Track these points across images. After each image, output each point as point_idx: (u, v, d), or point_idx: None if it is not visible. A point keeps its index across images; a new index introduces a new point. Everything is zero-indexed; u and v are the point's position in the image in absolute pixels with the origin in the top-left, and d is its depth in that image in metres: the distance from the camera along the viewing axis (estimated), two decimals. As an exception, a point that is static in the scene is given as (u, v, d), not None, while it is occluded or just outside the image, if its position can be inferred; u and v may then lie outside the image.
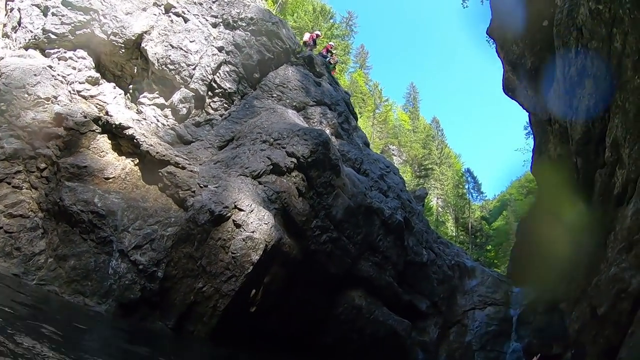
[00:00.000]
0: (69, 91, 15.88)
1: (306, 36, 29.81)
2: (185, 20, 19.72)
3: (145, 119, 17.42)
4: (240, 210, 12.55)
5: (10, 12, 18.31)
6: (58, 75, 15.90)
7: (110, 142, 13.86)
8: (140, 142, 13.39)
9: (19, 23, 17.69)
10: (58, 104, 14.36)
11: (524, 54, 18.59)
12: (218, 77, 19.25)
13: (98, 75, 17.93)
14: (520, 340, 19.87)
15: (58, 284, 11.42)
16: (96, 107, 16.65)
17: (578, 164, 14.78)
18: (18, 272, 11.28)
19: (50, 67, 15.99)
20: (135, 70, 18.83)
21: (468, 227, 61.26)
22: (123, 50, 18.39)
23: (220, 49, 19.72)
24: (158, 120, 17.67)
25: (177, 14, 19.70)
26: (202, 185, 12.87)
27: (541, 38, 16.93)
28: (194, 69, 18.45)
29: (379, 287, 18.63)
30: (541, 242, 20.68)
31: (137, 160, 13.57)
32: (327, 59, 28.62)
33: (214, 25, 20.60)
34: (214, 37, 19.98)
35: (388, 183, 22.46)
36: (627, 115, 11.35)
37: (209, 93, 19.00)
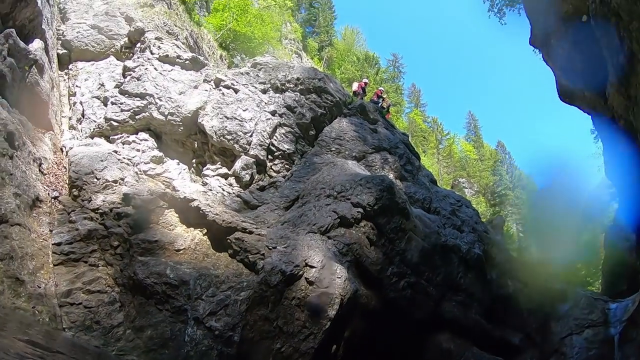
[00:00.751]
0: (136, 172, 16.54)
1: (354, 86, 30.26)
2: (236, 91, 20.36)
3: (211, 190, 17.79)
4: (312, 267, 12.54)
5: (74, 105, 19.65)
6: (123, 158, 16.80)
7: (177, 215, 14.23)
8: (206, 213, 13.66)
9: (83, 115, 18.97)
10: (125, 185, 14.94)
11: (570, 56, 18.17)
12: (275, 140, 19.57)
13: (161, 154, 18.66)
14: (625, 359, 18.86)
15: (137, 354, 11.60)
16: (163, 184, 17.20)
17: None
18: (98, 344, 11.54)
19: (116, 151, 16.89)
20: (196, 145, 19.45)
21: (551, 247, 59.34)
22: (182, 128, 19.12)
23: (273, 113, 20.15)
24: (224, 190, 18.02)
25: (227, 87, 20.41)
26: (270, 247, 12.93)
27: (585, 35, 16.51)
28: (250, 136, 18.86)
29: (466, 326, 18.00)
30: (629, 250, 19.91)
31: (205, 230, 13.81)
32: (379, 104, 28.79)
33: (264, 91, 21.12)
34: (266, 103, 20.45)
35: (461, 217, 22.07)
36: None
37: (269, 157, 19.30)
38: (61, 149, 17.03)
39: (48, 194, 14.31)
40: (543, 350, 20.36)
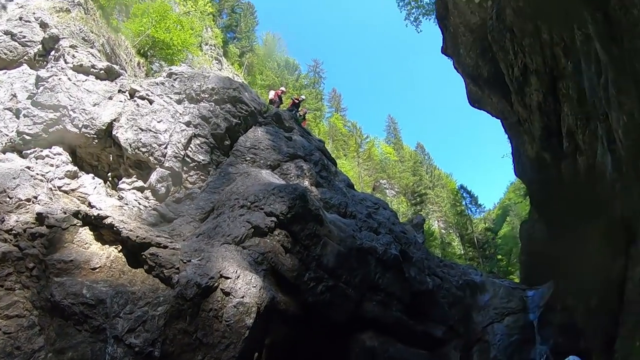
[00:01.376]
0: (50, 188, 16.28)
1: (271, 94, 30.48)
2: (151, 102, 20.25)
3: (127, 204, 17.69)
4: (227, 278, 12.67)
5: None
6: (37, 174, 16.43)
7: (92, 233, 14.09)
8: (120, 229, 13.60)
9: None
10: (39, 204, 14.77)
11: (477, 64, 18.99)
12: (190, 151, 19.57)
13: (76, 168, 18.37)
14: (545, 342, 19.67)
15: (60, 377, 11.56)
16: (78, 199, 16.99)
17: (548, 159, 15.04)
18: (20, 370, 11.45)
19: (29, 167, 16.54)
20: (111, 158, 19.24)
21: (474, 242, 61.13)
22: (96, 141, 18.86)
23: (187, 124, 20.10)
24: (140, 203, 17.93)
25: (142, 97, 20.26)
26: (185, 261, 12.98)
27: (490, 45, 17.34)
28: (165, 147, 18.81)
29: (388, 324, 18.53)
30: (543, 241, 20.84)
31: (120, 247, 13.76)
32: (294, 111, 29.07)
33: (179, 102, 21.06)
34: (180, 113, 20.40)
35: (378, 220, 22.61)
36: (573, 102, 11.71)
37: (184, 168, 19.27)
38: (-29, 166, 16.56)
39: (-44, 214, 13.81)
40: (467, 340, 21.20)
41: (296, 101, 31.55)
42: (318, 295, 15.80)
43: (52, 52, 21.33)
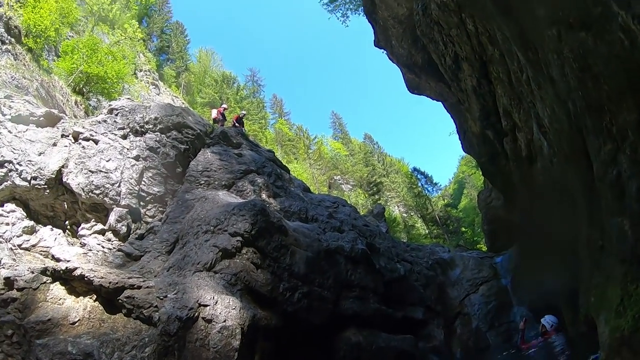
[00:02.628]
0: (10, 248, 16.03)
1: (213, 113, 30.44)
2: (96, 142, 20.09)
3: (91, 250, 17.54)
4: (205, 305, 12.83)
5: None
6: (-5, 236, 16.14)
7: (64, 287, 13.99)
8: (91, 279, 13.51)
9: None
10: (3, 267, 14.49)
11: (411, 54, 19.44)
12: (144, 184, 19.62)
13: (32, 222, 18.10)
14: (522, 303, 20.39)
15: None
16: (41, 254, 16.80)
17: (491, 136, 15.54)
18: None
19: (-15, 230, 16.23)
20: (66, 206, 19.02)
21: (436, 220, 61.89)
22: (48, 191, 18.64)
23: (137, 158, 20.10)
24: (103, 247, 17.81)
25: (87, 139, 20.08)
26: (161, 297, 13.05)
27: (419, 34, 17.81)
28: (119, 186, 18.77)
29: (369, 317, 18.89)
30: (501, 207, 21.41)
31: (95, 296, 13.73)
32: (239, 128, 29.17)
33: (124, 137, 20.98)
34: (128, 149, 20.34)
35: (339, 218, 23.01)
36: (504, 85, 12.18)
37: (141, 203, 19.31)
38: None
39: None
40: (446, 316, 21.75)
41: (237, 119, 31.46)
42: (296, 304, 16.05)
43: (-12, 106, 20.94)
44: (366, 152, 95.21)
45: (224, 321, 12.69)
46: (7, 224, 17.48)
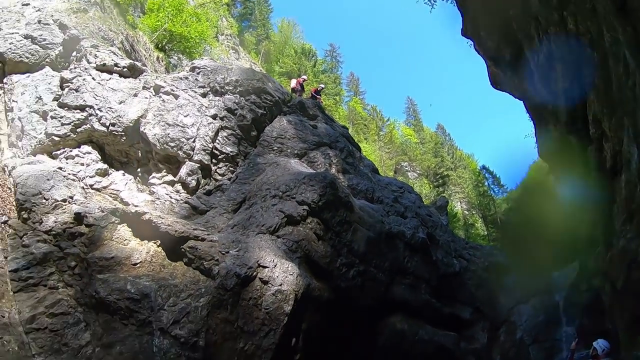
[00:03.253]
0: (82, 187, 16.51)
1: (293, 83, 30.33)
2: (176, 97, 20.42)
3: (159, 199, 17.95)
4: (264, 267, 13.03)
5: (12, 122, 19.16)
6: (69, 174, 16.68)
7: (130, 229, 14.45)
8: (158, 225, 13.93)
9: (22, 131, 18.55)
10: (75, 203, 15.03)
11: (499, 47, 18.96)
12: (218, 143, 19.80)
13: (106, 166, 18.61)
14: (571, 323, 19.70)
15: (108, 371, 12.03)
16: (110, 196, 17.24)
17: (572, 142, 15.03)
18: (69, 366, 11.91)
19: (60, 168, 16.79)
20: (140, 154, 19.42)
21: (497, 222, 60.53)
22: (124, 138, 19.05)
23: (214, 117, 20.31)
24: (171, 197, 18.19)
25: (167, 93, 20.42)
26: (223, 252, 13.34)
27: (512, 29, 17.32)
28: (193, 141, 19.05)
29: (417, 307, 18.87)
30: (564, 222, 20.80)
31: (159, 242, 14.09)
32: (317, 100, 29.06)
33: (204, 95, 21.25)
34: (206, 107, 20.60)
35: (404, 204, 22.77)
36: (599, 91, 11.73)
37: (213, 160, 19.53)
38: (3, 169, 16.99)
39: (-4, 219, 14.22)
40: (493, 321, 21.29)
41: (315, 92, 31.39)
42: (350, 280, 16.15)
43: (74, 53, 21.55)
44: (437, 142, 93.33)
45: (280, 285, 12.86)
46: (82, 164, 18.04)
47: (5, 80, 20.60)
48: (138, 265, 13.56)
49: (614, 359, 13.93)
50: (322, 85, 37.16)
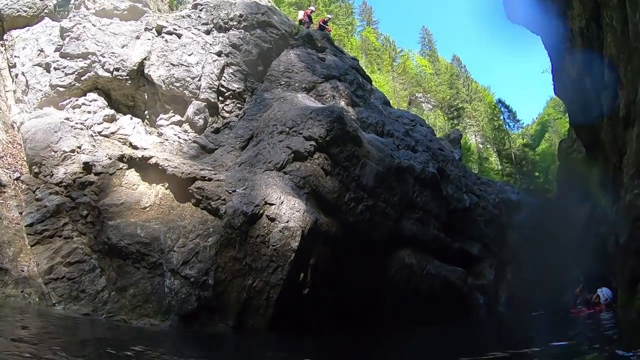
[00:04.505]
0: (90, 135, 16.53)
1: (300, 14, 29.54)
2: (179, 36, 20.21)
3: (167, 140, 17.99)
4: (271, 204, 13.07)
5: (16, 77, 19.15)
6: (76, 124, 16.76)
7: (138, 174, 14.66)
8: (165, 167, 14.08)
9: (27, 85, 18.58)
10: (83, 153, 15.15)
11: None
12: (224, 80, 19.70)
13: (113, 111, 18.68)
14: (579, 266, 19.55)
15: (124, 312, 12.42)
16: (119, 141, 17.28)
17: (588, 85, 14.61)
18: (88, 311, 12.33)
19: (67, 118, 16.86)
20: (146, 96, 19.44)
21: (511, 158, 60.06)
22: (129, 82, 19.07)
23: (219, 54, 20.14)
24: (179, 138, 18.25)
25: (170, 33, 20.25)
26: (230, 191, 13.44)
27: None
28: (199, 80, 18.96)
29: (426, 241, 19.01)
30: (580, 162, 20.49)
31: (167, 184, 14.25)
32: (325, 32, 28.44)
33: (207, 32, 20.99)
34: (210, 44, 20.39)
35: (415, 137, 22.68)
36: (616, 34, 11.29)
37: (220, 98, 19.51)
38: (12, 126, 17.02)
39: (9, 176, 14.57)
40: (501, 258, 21.45)
41: (322, 22, 30.65)
42: (358, 215, 16.20)
43: (72, 1, 21.35)
44: (452, 74, 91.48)
45: (287, 222, 12.92)
46: (89, 112, 18.05)
47: (5, 36, 20.49)
48: (147, 208, 13.81)
49: (613, 311, 13.91)
50: (330, 16, 36.24)
